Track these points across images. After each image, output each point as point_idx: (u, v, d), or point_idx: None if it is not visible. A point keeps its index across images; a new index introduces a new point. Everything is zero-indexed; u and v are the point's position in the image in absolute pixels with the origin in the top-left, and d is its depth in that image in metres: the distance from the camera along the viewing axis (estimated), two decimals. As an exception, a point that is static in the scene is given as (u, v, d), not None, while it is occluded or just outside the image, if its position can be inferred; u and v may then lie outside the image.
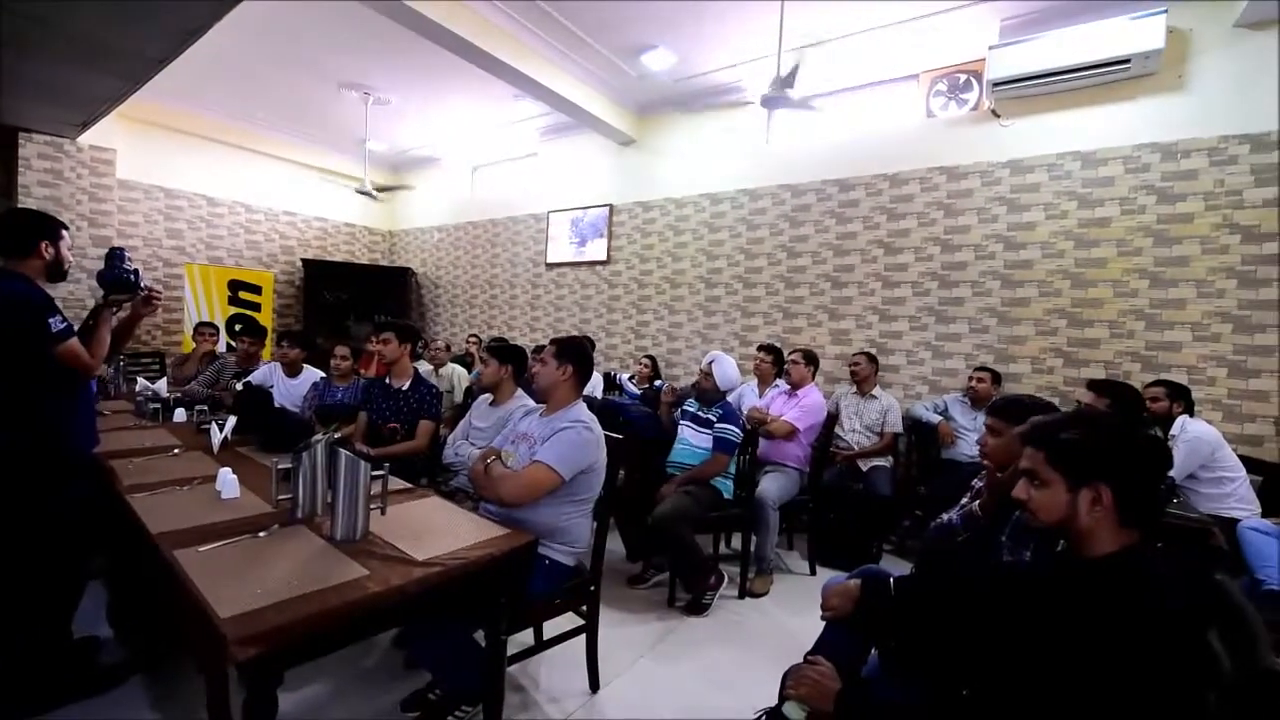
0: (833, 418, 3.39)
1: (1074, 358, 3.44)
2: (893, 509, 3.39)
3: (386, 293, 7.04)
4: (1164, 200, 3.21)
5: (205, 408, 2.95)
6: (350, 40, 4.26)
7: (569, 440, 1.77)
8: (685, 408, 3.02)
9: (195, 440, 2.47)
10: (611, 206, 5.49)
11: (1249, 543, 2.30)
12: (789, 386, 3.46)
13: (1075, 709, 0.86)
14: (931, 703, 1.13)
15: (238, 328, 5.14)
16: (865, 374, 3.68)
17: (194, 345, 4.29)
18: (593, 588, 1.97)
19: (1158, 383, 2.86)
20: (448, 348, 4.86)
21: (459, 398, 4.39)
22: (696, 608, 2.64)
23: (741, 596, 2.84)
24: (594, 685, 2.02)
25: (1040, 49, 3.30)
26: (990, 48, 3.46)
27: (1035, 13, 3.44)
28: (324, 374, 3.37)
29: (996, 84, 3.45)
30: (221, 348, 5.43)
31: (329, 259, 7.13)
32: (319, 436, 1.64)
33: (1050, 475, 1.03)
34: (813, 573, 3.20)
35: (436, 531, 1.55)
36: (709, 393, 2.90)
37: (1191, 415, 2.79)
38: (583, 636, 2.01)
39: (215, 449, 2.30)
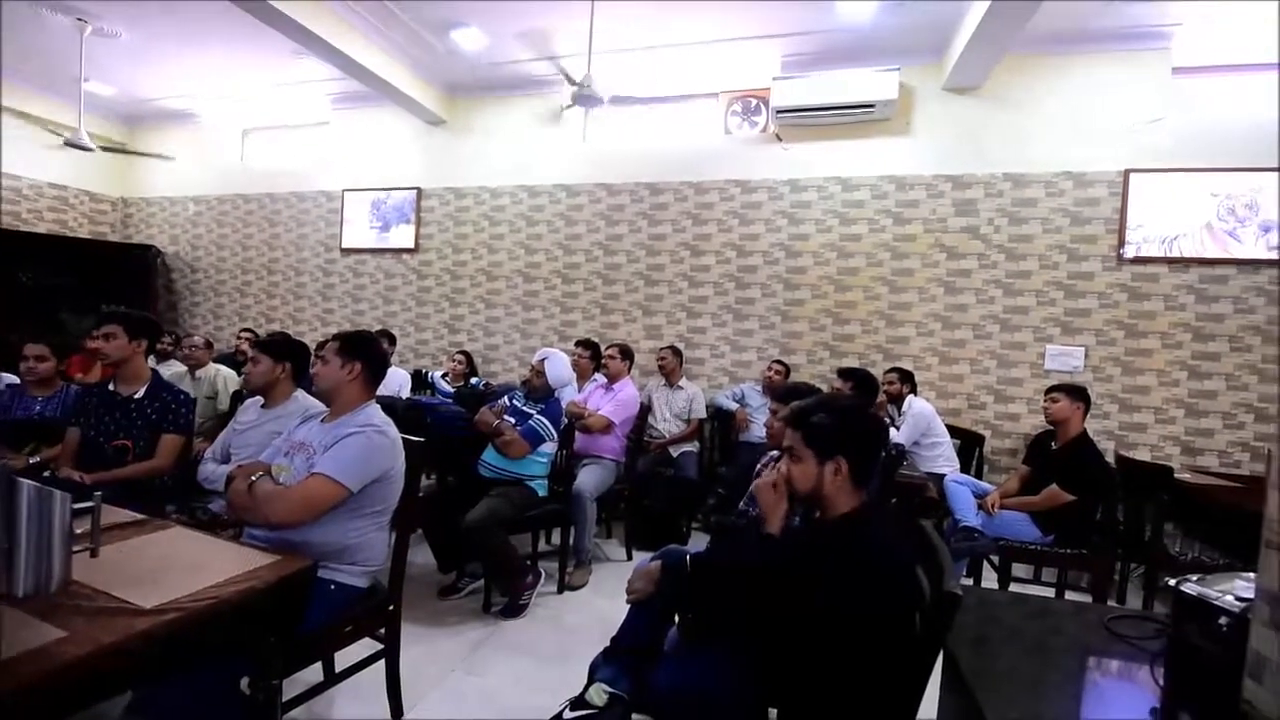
0: (646, 409, 3.56)
1: (837, 350, 4.09)
2: (699, 489, 3.69)
3: (118, 276, 5.58)
4: (898, 223, 3.97)
5: None
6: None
7: (356, 447, 1.57)
8: (512, 402, 2.87)
9: None
10: (420, 190, 5.08)
11: (952, 492, 2.95)
12: (606, 380, 3.55)
13: (826, 638, 1.02)
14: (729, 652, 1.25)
15: None
16: (671, 367, 3.93)
17: None
18: (391, 607, 1.79)
19: (893, 370, 3.55)
20: (208, 345, 4.03)
21: (225, 405, 3.69)
22: (514, 610, 2.57)
23: (561, 591, 2.84)
24: (396, 712, 1.85)
25: (811, 85, 3.85)
26: (774, 79, 3.93)
27: (809, 54, 3.98)
28: (15, 379, 2.56)
29: (779, 111, 3.94)
30: None
31: (23, 229, 5.46)
32: (-13, 463, 1.23)
33: (805, 452, 1.21)
34: (629, 558, 3.34)
35: (176, 569, 1.26)
36: (539, 390, 2.82)
37: (916, 395, 3.51)
38: (382, 661, 1.83)
39: None
